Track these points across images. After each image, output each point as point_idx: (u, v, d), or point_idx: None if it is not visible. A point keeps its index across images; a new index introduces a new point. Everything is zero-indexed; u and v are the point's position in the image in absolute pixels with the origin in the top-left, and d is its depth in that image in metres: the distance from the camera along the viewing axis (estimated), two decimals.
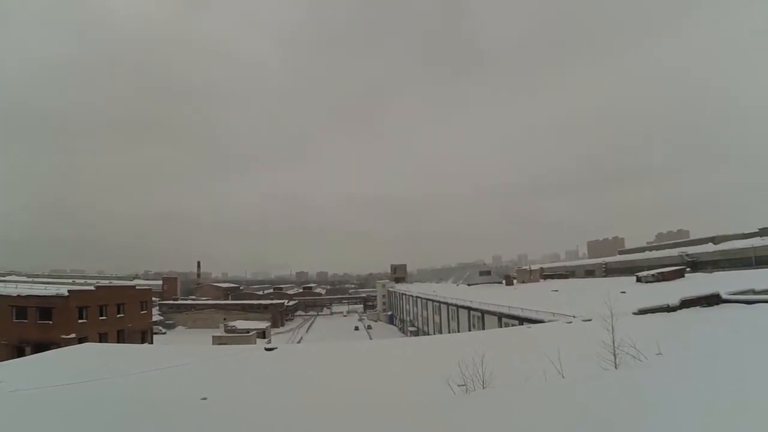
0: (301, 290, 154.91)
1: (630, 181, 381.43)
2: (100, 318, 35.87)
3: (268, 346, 18.76)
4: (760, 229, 54.26)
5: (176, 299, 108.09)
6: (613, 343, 5.77)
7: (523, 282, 61.55)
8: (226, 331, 62.90)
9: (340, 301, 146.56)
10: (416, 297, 70.98)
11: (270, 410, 6.90)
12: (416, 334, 63.64)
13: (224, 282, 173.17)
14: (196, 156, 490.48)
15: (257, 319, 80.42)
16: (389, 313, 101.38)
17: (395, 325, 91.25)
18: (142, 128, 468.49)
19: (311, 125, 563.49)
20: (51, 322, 32.30)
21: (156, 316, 76.03)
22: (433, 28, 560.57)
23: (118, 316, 38.23)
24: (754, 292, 16.99)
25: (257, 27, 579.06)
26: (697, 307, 15.33)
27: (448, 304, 51.60)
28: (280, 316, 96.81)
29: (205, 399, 8.36)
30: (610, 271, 62.34)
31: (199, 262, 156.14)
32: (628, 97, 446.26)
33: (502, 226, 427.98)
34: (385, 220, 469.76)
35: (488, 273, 76.45)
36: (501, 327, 32.38)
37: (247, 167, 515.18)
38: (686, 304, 15.52)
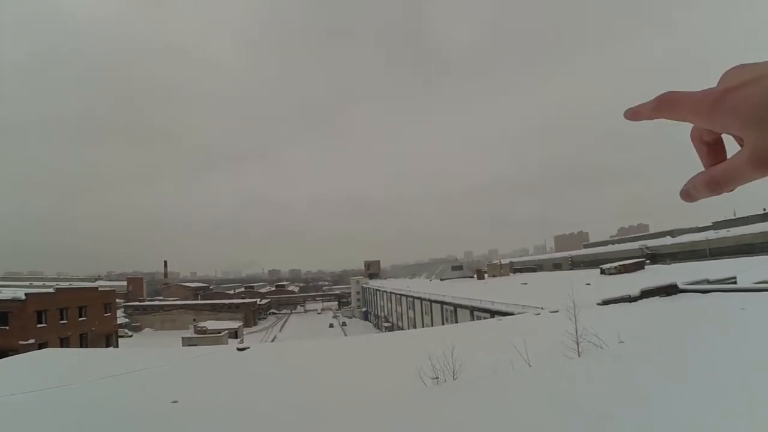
0: (273, 288, 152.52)
1: (594, 180, 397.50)
2: (61, 322, 34.27)
3: (241, 346, 18.46)
4: (713, 223, 57.73)
5: (142, 300, 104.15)
6: (576, 333, 6.07)
7: (494, 276, 62.85)
8: (197, 332, 61.35)
9: (314, 299, 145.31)
10: (390, 293, 71.32)
11: (242, 411, 6.83)
12: (391, 329, 64.00)
13: (193, 281, 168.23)
14: (162, 157, 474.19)
15: (229, 319, 78.84)
16: (364, 309, 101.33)
17: (370, 321, 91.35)
18: (102, 129, 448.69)
19: (279, 127, 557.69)
20: (8, 328, 30.63)
21: (121, 319, 73.12)
22: (399, 31, 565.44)
23: (80, 319, 36.60)
24: (708, 282, 18.05)
25: (221, 28, 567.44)
26: (657, 297, 16.13)
27: (421, 299, 52.14)
28: (252, 316, 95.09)
29: (175, 402, 8.18)
30: (575, 264, 64.76)
31: (165, 262, 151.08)
32: (591, 100, 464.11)
33: (473, 223, 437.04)
34: (358, 219, 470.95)
35: (460, 268, 77.54)
36: (473, 320, 33.04)
37: (215, 168, 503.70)
38: (646, 294, 16.30)
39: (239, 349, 16.62)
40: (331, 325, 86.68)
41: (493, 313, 29.74)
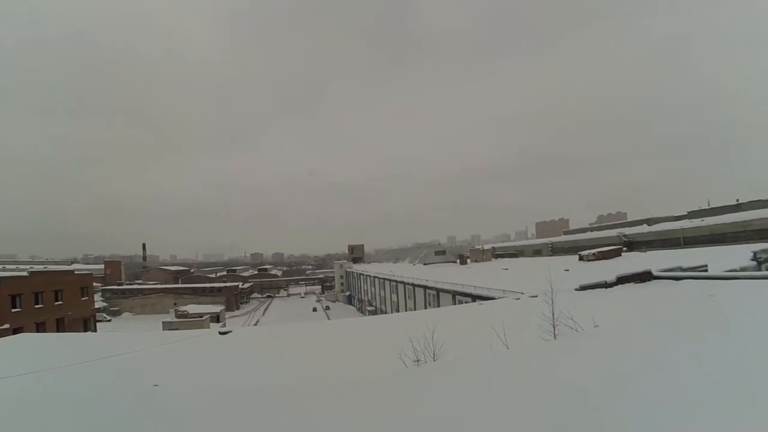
0: (256, 272, 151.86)
1: (575, 167, 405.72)
2: (36, 306, 33.45)
3: (223, 329, 18.39)
4: (688, 213, 59.57)
5: (121, 284, 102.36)
6: (553, 316, 6.28)
7: (476, 261, 63.92)
8: (177, 316, 60.72)
9: (297, 283, 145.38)
10: (374, 277, 71.81)
11: (225, 394, 6.83)
12: (374, 313, 64.65)
13: (173, 265, 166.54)
14: (141, 138, 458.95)
15: (210, 303, 78.33)
16: (347, 293, 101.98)
17: (354, 305, 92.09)
18: (78, 108, 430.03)
19: (260, 109, 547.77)
20: None
21: (99, 303, 71.95)
22: (380, 16, 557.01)
23: (57, 303, 35.78)
24: (681, 270, 18.67)
25: (196, 8, 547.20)
26: (632, 284, 16.60)
27: (404, 283, 52.68)
28: (234, 299, 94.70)
29: (156, 386, 8.13)
30: (555, 250, 66.10)
31: (144, 245, 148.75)
32: (573, 88, 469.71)
33: (456, 208, 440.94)
34: (343, 203, 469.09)
35: (443, 253, 78.47)
36: (455, 304, 33.60)
37: (196, 150, 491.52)
38: (622, 280, 16.76)
39: (221, 333, 16.56)
40: (315, 309, 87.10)
41: (475, 298, 30.30)
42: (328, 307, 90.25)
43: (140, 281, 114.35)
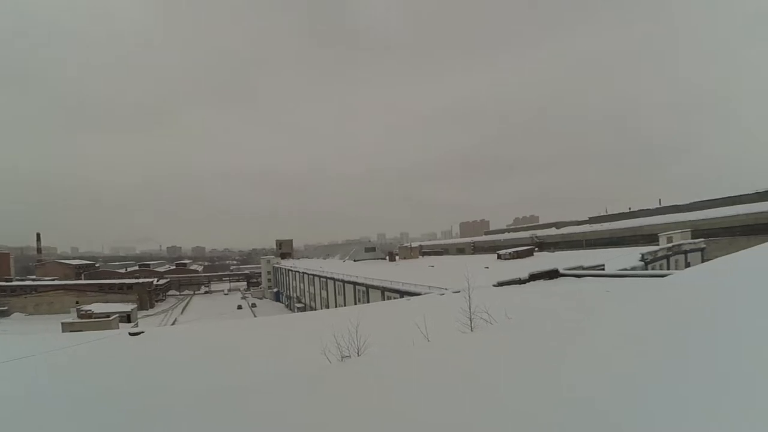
0: (173, 267, 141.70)
1: (496, 171, 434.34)
2: None
3: (133, 330, 16.98)
4: (589, 218, 66.97)
5: (10, 280, 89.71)
6: (470, 310, 6.80)
7: (405, 258, 65.61)
8: (80, 316, 54.50)
9: (220, 279, 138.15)
10: (303, 273, 70.67)
11: (132, 399, 6.39)
12: (303, 310, 63.67)
13: (74, 258, 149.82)
14: (35, 106, 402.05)
15: (120, 301, 71.50)
16: (275, 290, 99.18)
17: (282, 302, 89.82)
18: None
19: (179, 92, 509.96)
20: None
21: None
22: (322, 7, 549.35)
23: None
24: (583, 268, 20.93)
25: None
26: (542, 280, 18.20)
27: (334, 280, 52.55)
28: (148, 297, 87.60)
29: (56, 396, 7.36)
30: (477, 249, 70.40)
31: (38, 234, 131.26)
32: (501, 96, 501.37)
33: (386, 205, 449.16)
34: (270, 196, 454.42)
35: (373, 249, 79.39)
36: (384, 300, 34.27)
37: (102, 126, 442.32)
38: (533, 277, 18.30)
39: (132, 334, 15.27)
40: (240, 307, 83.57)
41: (403, 294, 31.15)
42: (254, 305, 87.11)
43: (34, 276, 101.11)
